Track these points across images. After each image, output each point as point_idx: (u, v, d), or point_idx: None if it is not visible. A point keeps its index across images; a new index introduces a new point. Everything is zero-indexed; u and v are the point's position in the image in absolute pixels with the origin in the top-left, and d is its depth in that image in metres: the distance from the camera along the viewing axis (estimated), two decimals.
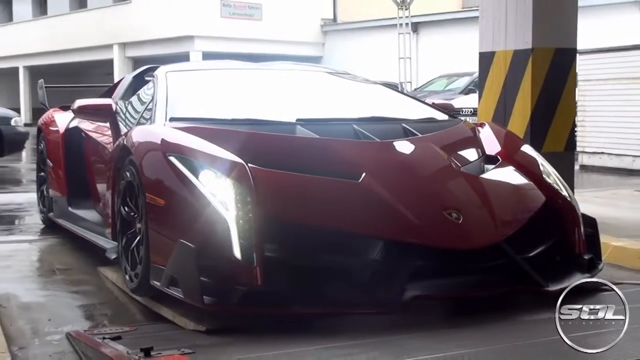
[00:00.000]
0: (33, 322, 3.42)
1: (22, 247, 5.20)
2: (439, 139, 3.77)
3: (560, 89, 5.45)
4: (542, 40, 5.35)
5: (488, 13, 5.65)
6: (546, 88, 5.36)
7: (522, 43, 5.37)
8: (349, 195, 3.21)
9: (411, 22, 18.76)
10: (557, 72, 5.39)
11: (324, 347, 2.72)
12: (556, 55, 5.38)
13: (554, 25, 5.42)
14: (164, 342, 2.76)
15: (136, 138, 3.62)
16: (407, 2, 18.06)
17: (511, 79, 5.44)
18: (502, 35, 5.48)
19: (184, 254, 3.03)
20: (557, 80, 5.41)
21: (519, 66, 5.39)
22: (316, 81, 4.95)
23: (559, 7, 5.47)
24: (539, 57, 5.33)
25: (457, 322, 3.00)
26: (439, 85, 15.52)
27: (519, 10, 5.39)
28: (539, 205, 3.46)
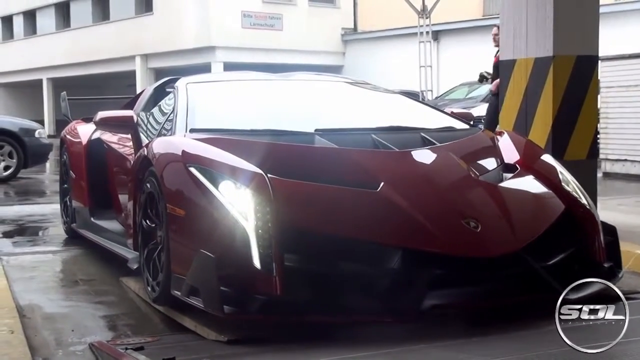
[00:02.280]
0: (57, 332, 3.45)
1: (45, 258, 5.25)
2: (458, 148, 3.78)
3: (582, 97, 5.41)
4: (563, 48, 5.32)
5: (508, 21, 5.63)
6: (568, 96, 5.32)
7: (543, 51, 5.35)
8: (368, 204, 3.23)
9: (432, 30, 18.77)
10: (578, 79, 5.35)
11: (343, 357, 2.73)
12: (578, 62, 5.35)
13: (575, 33, 5.38)
14: (186, 352, 2.78)
15: (157, 149, 3.66)
16: (428, 10, 18.05)
17: (532, 87, 5.41)
18: (523, 43, 5.47)
19: (204, 263, 3.06)
20: (579, 88, 5.37)
21: (540, 74, 5.36)
22: (335, 91, 4.96)
23: (580, 15, 5.43)
24: (560, 64, 5.30)
25: (478, 331, 2.99)
26: (460, 93, 15.48)
27: (540, 17, 5.37)
28: (558, 213, 3.46)
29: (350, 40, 25.52)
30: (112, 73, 27.32)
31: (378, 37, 24.24)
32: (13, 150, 10.98)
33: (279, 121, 4.09)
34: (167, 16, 24.61)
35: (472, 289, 3.14)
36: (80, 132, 5.51)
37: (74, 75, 28.69)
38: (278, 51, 23.41)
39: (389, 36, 23.49)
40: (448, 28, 21.44)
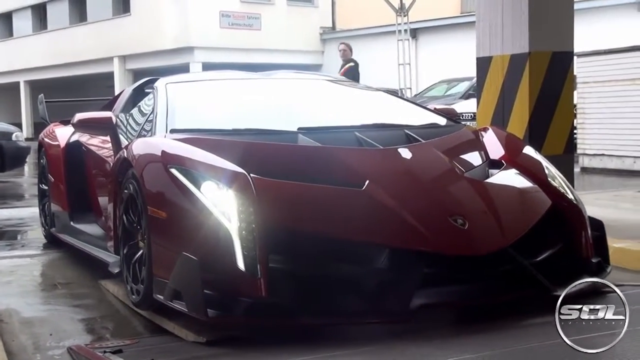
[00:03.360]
0: (35, 337, 3.38)
1: (23, 262, 5.15)
2: (443, 145, 3.74)
3: (558, 92, 5.44)
4: (539, 44, 5.35)
5: (484, 18, 5.66)
6: (544, 91, 5.35)
7: (518, 47, 5.38)
8: (353, 203, 3.17)
9: (410, 28, 18.76)
10: (554, 75, 5.39)
11: (323, 356, 2.69)
12: (553, 58, 5.38)
13: (550, 29, 5.42)
14: (165, 354, 2.74)
15: (137, 150, 3.57)
16: (406, 8, 18.05)
17: (509, 84, 5.44)
18: (499, 40, 5.49)
19: (186, 266, 2.99)
20: (554, 84, 5.41)
21: (517, 70, 5.39)
22: (317, 89, 4.91)
23: (555, 11, 5.47)
24: (536, 61, 5.32)
25: (461, 327, 2.95)
26: (439, 90, 15.52)
27: (515, 15, 5.39)
28: (545, 209, 3.42)
29: (329, 39, 25.50)
30: (90, 75, 27.14)
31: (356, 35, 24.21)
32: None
33: (261, 120, 4.03)
34: (144, 17, 24.48)
35: (461, 288, 3.09)
36: (59, 135, 5.40)
37: (52, 77, 28.46)
38: (257, 51, 23.34)
39: (367, 34, 23.49)
40: (426, 26, 21.51)
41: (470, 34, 6.83)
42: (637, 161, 9.51)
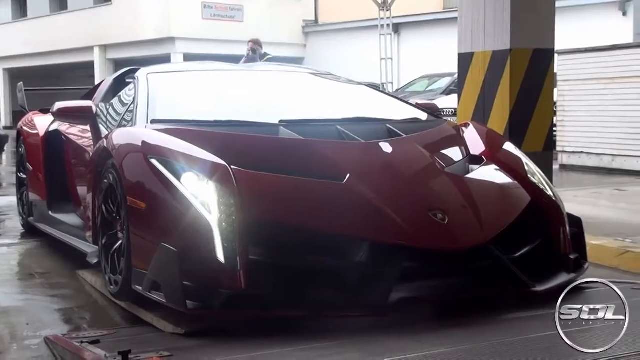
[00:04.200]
0: (11, 326, 3.36)
1: (0, 251, 5.11)
2: (424, 140, 3.74)
3: (539, 90, 5.48)
4: (520, 41, 5.39)
5: (467, 14, 5.67)
6: (524, 89, 5.38)
7: (500, 44, 5.40)
8: (334, 196, 3.17)
9: (392, 23, 18.77)
10: (535, 72, 5.42)
11: (301, 348, 2.68)
12: (534, 56, 5.41)
13: (532, 27, 5.45)
14: (143, 345, 2.72)
15: (117, 140, 3.55)
16: (389, 3, 18.05)
17: (490, 80, 5.46)
18: (481, 36, 5.51)
19: (166, 257, 2.97)
20: (535, 81, 5.44)
21: (498, 67, 5.41)
22: (299, 82, 4.89)
23: (537, 9, 5.51)
24: (517, 58, 5.36)
25: (439, 321, 2.96)
26: (421, 86, 15.54)
27: (497, 11, 5.42)
28: (524, 205, 3.43)
29: (311, 32, 25.46)
30: (71, 64, 26.89)
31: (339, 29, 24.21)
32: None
33: (242, 112, 4.01)
34: (126, 6, 24.27)
35: (440, 282, 3.10)
36: (38, 124, 5.36)
37: (32, 65, 28.17)
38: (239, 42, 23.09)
39: (350, 28, 23.47)
40: (408, 21, 21.50)
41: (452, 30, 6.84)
42: (616, 159, 9.58)
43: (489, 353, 2.58)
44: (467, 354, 2.59)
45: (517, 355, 2.52)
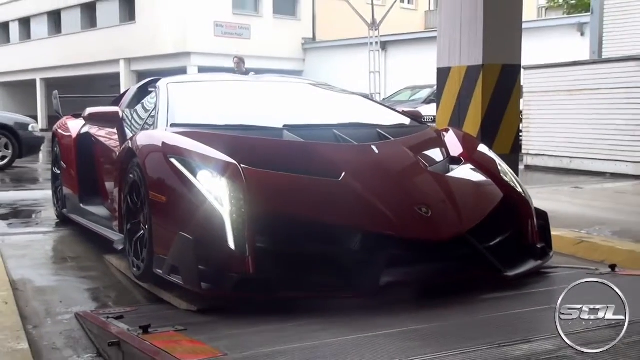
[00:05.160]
0: (46, 303, 3.34)
1: (37, 238, 5.07)
2: (410, 142, 3.70)
3: (507, 100, 5.48)
4: (491, 58, 5.38)
5: (445, 34, 5.67)
6: (494, 99, 5.39)
7: (474, 60, 5.40)
8: (331, 192, 3.13)
9: (380, 41, 18.77)
10: (504, 85, 5.43)
11: (297, 324, 2.66)
12: (503, 70, 5.41)
13: (501, 45, 5.45)
14: (160, 320, 2.70)
15: (140, 142, 3.51)
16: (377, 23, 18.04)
17: (465, 91, 5.46)
18: (457, 53, 5.50)
19: (183, 245, 2.94)
20: (504, 93, 5.44)
21: (472, 80, 5.41)
22: (300, 91, 4.85)
23: (506, 29, 5.50)
24: (488, 72, 5.35)
25: (421, 303, 2.92)
26: (404, 96, 15.51)
27: (472, 32, 5.42)
28: (497, 200, 3.41)
29: (310, 48, 25.43)
30: (99, 75, 26.83)
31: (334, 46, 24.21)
32: (9, 142, 10.76)
33: (250, 117, 3.96)
34: (148, 24, 24.24)
35: (424, 268, 3.07)
36: (71, 127, 5.32)
37: (64, 76, 28.10)
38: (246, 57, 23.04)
39: (343, 45, 23.46)
40: (394, 39, 21.48)
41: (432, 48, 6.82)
42: (573, 161, 9.59)
43: (458, 329, 2.55)
44: (439, 329, 2.55)
45: (483, 331, 2.49)
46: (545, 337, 2.17)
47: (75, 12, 28.46)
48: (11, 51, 32.07)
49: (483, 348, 2.08)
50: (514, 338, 2.17)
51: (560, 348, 2.06)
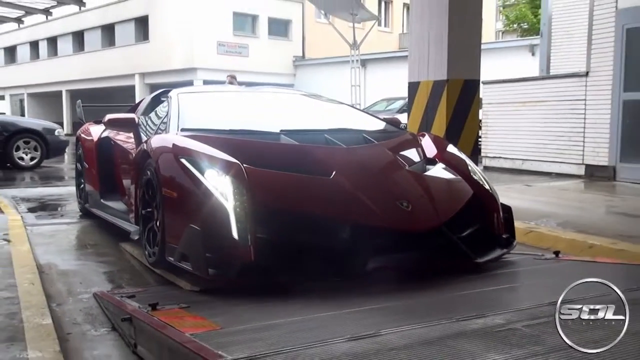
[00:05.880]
0: (68, 284, 3.27)
1: (62, 228, 4.95)
2: (391, 145, 3.62)
3: (468, 110, 5.51)
4: (455, 74, 5.39)
5: (415, 53, 5.71)
6: (457, 109, 5.41)
7: (439, 75, 5.43)
8: (323, 188, 3.04)
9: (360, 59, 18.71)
10: (465, 97, 5.46)
11: (286, 302, 2.59)
12: (465, 85, 5.44)
13: (463, 63, 5.47)
14: (167, 299, 2.63)
15: (154, 144, 3.40)
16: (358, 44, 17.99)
17: (431, 103, 5.47)
18: (425, 69, 5.51)
19: (192, 235, 2.85)
20: (465, 104, 5.48)
21: (437, 93, 5.43)
22: (294, 101, 4.76)
23: (467, 49, 5.48)
24: (452, 86, 5.38)
25: (399, 285, 2.82)
26: (381, 106, 15.45)
27: (438, 52, 5.43)
28: (468, 196, 3.33)
29: (300, 65, 25.34)
30: (116, 87, 26.58)
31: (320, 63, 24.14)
32: (38, 145, 10.63)
33: (251, 123, 3.87)
34: (160, 43, 24.04)
35: (405, 255, 2.98)
36: (92, 132, 5.21)
37: (87, 88, 27.83)
38: (245, 72, 23.02)
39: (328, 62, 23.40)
40: (373, 57, 21.45)
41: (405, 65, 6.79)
42: (524, 162, 9.57)
43: (425, 306, 2.48)
44: (408, 306, 2.47)
45: (446, 308, 2.42)
46: (498, 313, 2.12)
47: (96, 32, 28.17)
48: (40, 66, 31.72)
49: (443, 322, 2.03)
50: (471, 313, 2.12)
51: (510, 322, 2.01)
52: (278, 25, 25.28)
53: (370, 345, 1.77)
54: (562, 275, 3.11)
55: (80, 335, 2.50)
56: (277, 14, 25.13)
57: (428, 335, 1.88)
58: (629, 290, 2.48)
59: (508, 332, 1.91)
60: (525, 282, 3.03)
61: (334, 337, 1.85)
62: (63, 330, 2.55)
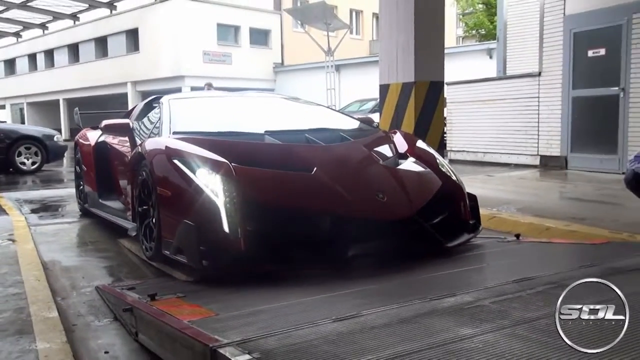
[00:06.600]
0: (71, 279, 3.22)
1: (63, 227, 4.86)
2: (366, 142, 3.61)
3: (434, 109, 5.55)
4: (421, 76, 5.41)
5: (385, 58, 5.73)
6: (424, 108, 5.43)
7: (408, 78, 5.44)
8: (305, 183, 3.02)
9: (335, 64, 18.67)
10: (431, 97, 5.49)
11: (276, 289, 2.56)
12: (430, 86, 5.47)
13: (429, 66, 5.49)
14: (165, 290, 2.61)
15: (148, 147, 3.35)
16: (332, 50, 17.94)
17: (401, 103, 5.49)
18: (394, 72, 5.53)
19: (186, 230, 2.81)
20: (431, 103, 5.52)
21: (406, 94, 5.45)
22: (276, 104, 4.73)
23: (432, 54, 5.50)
24: (419, 87, 5.41)
25: (376, 270, 2.80)
26: (354, 107, 15.43)
27: (405, 57, 5.44)
28: (437, 187, 3.34)
29: (279, 71, 25.19)
30: (110, 95, 26.16)
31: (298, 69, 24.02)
32: (38, 150, 10.42)
33: (237, 125, 3.83)
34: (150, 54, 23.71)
35: (382, 243, 2.98)
36: (90, 137, 5.12)
37: (82, 96, 27.34)
38: (229, 79, 22.86)
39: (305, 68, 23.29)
40: (346, 63, 21.40)
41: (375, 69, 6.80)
42: (486, 155, 9.65)
43: (400, 288, 2.47)
44: (384, 289, 2.48)
45: (420, 289, 2.42)
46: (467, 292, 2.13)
47: (90, 44, 27.67)
48: (38, 77, 31.09)
49: (417, 302, 2.02)
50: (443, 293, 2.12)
51: (478, 299, 2.02)
52: (258, 35, 25.10)
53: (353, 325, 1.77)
54: (523, 255, 3.14)
55: (85, 326, 2.47)
56: (257, 24, 24.95)
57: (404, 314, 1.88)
58: (583, 267, 2.53)
59: (477, 309, 1.92)
60: (491, 263, 3.06)
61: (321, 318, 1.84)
62: (69, 322, 2.51)
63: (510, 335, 1.64)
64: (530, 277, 2.29)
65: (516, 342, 1.59)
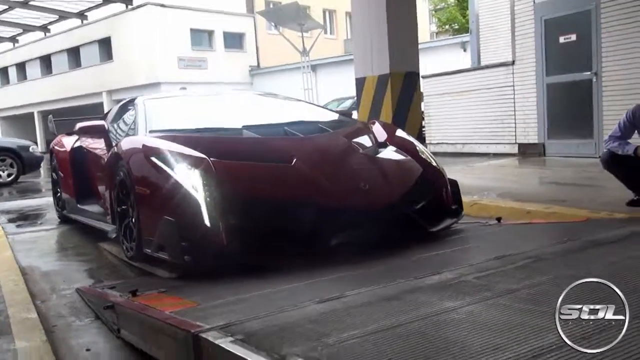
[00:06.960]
0: (52, 283, 3.17)
1: (42, 234, 4.79)
2: (345, 133, 3.61)
3: (410, 100, 5.55)
4: (396, 67, 5.39)
5: (359, 52, 5.72)
6: (401, 100, 5.43)
7: (383, 70, 5.44)
8: (286, 175, 3.01)
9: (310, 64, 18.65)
10: (407, 87, 5.50)
11: (259, 277, 2.54)
12: (406, 76, 5.47)
13: (403, 57, 5.48)
14: (146, 286, 2.57)
15: (125, 146, 3.29)
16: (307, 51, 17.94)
17: (377, 95, 5.50)
18: (369, 65, 5.53)
19: (167, 226, 2.77)
20: (408, 93, 5.52)
21: (382, 86, 5.44)
22: (252, 100, 4.71)
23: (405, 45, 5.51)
24: (395, 78, 5.40)
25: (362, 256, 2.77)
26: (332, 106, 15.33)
27: (380, 48, 5.42)
28: (418, 174, 3.34)
29: (255, 73, 25.08)
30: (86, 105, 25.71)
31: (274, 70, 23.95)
32: (13, 162, 10.22)
33: (215, 121, 3.78)
34: (123, 62, 23.45)
35: (365, 230, 2.97)
36: (65, 143, 5.03)
37: (57, 107, 26.84)
38: (205, 84, 22.65)
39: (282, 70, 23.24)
40: (321, 62, 21.39)
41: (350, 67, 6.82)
42: (465, 146, 9.71)
43: (384, 271, 2.47)
44: (369, 273, 2.46)
45: (404, 270, 2.42)
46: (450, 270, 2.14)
47: (62, 55, 27.25)
48: (11, 91, 30.53)
49: (401, 282, 2.03)
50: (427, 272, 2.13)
51: (461, 275, 2.03)
52: (233, 38, 24.97)
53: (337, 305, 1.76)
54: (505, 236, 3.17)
55: (65, 326, 2.42)
56: (231, 28, 24.83)
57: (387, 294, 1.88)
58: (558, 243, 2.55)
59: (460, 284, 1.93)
60: (474, 244, 3.07)
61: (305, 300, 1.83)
62: (49, 323, 2.46)
63: (494, 305, 1.66)
64: (511, 253, 2.31)
65: (499, 311, 1.61)
